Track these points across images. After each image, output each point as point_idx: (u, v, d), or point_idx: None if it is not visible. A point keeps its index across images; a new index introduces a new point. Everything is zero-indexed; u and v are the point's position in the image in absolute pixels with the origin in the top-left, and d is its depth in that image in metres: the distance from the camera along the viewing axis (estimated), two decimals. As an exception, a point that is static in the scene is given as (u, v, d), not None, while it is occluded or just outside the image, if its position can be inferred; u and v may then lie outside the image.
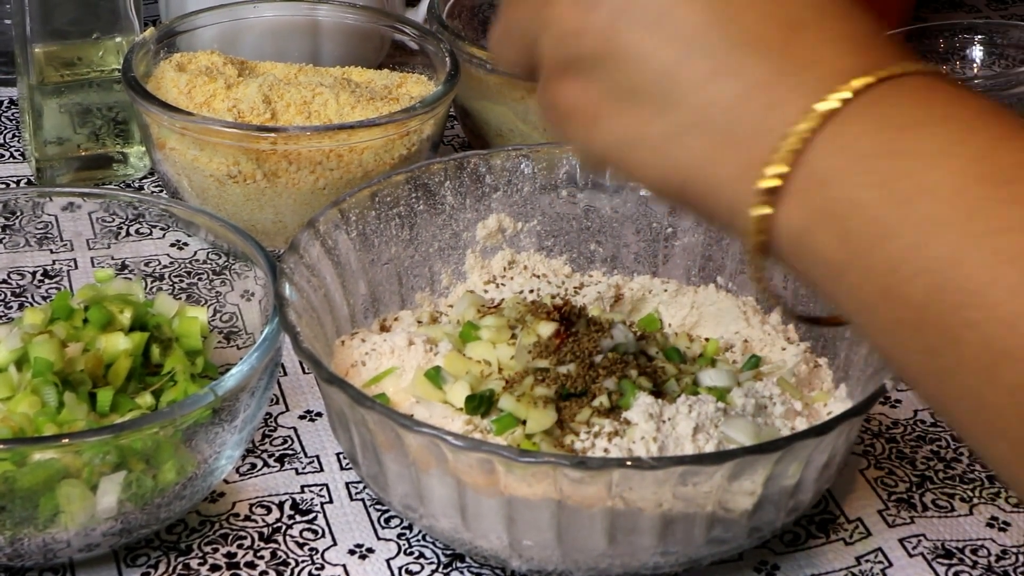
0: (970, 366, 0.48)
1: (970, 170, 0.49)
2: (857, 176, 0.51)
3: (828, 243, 0.52)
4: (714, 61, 0.54)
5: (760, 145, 0.53)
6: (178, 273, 0.89)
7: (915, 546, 0.78)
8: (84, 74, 1.02)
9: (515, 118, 1.03)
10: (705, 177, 0.55)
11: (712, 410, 0.74)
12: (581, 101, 0.57)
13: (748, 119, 0.53)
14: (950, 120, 0.51)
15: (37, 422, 0.75)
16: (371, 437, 0.72)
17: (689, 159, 0.55)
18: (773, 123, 0.52)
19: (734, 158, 0.53)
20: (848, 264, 0.51)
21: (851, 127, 0.51)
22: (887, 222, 0.50)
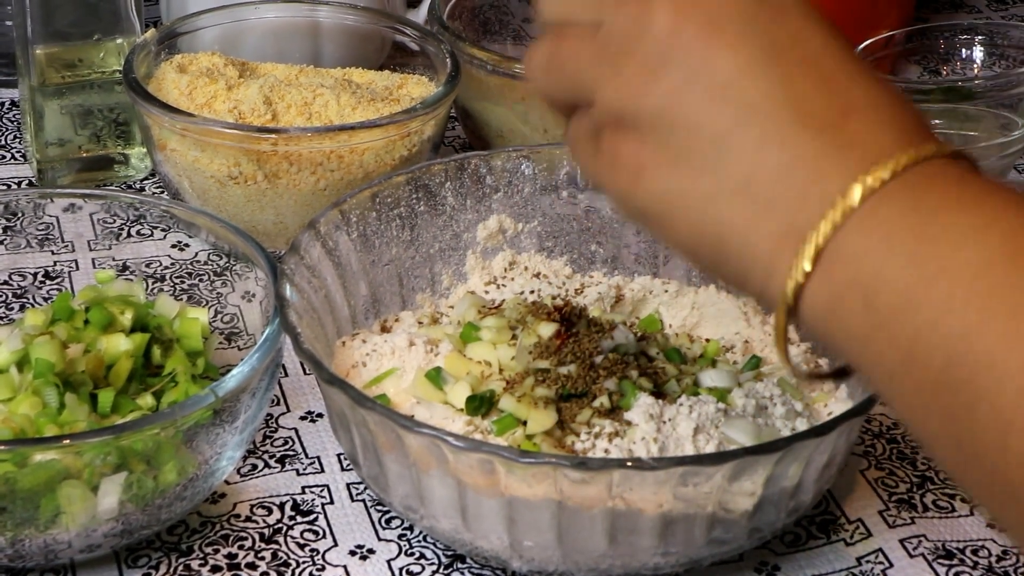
0: (983, 435, 0.51)
1: (995, 253, 0.52)
2: (888, 253, 0.53)
3: (853, 314, 0.54)
4: (766, 130, 0.56)
5: (800, 216, 0.55)
6: (179, 274, 0.89)
7: (916, 547, 0.78)
8: (85, 75, 1.02)
9: (516, 119, 1.03)
10: (741, 240, 0.57)
11: (712, 411, 0.74)
12: (630, 154, 0.59)
13: (791, 189, 0.56)
14: (980, 206, 0.53)
15: (38, 423, 0.75)
16: (372, 438, 0.72)
17: (728, 221, 0.57)
18: (815, 196, 0.55)
19: (773, 225, 0.56)
20: (873, 333, 0.54)
21: (886, 206, 0.54)
22: (912, 297, 0.53)
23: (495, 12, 1.19)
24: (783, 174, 0.56)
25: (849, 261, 0.54)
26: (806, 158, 0.55)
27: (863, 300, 0.54)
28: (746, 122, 0.56)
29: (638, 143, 0.58)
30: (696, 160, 0.57)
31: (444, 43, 1.03)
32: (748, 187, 0.56)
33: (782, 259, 0.56)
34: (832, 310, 0.55)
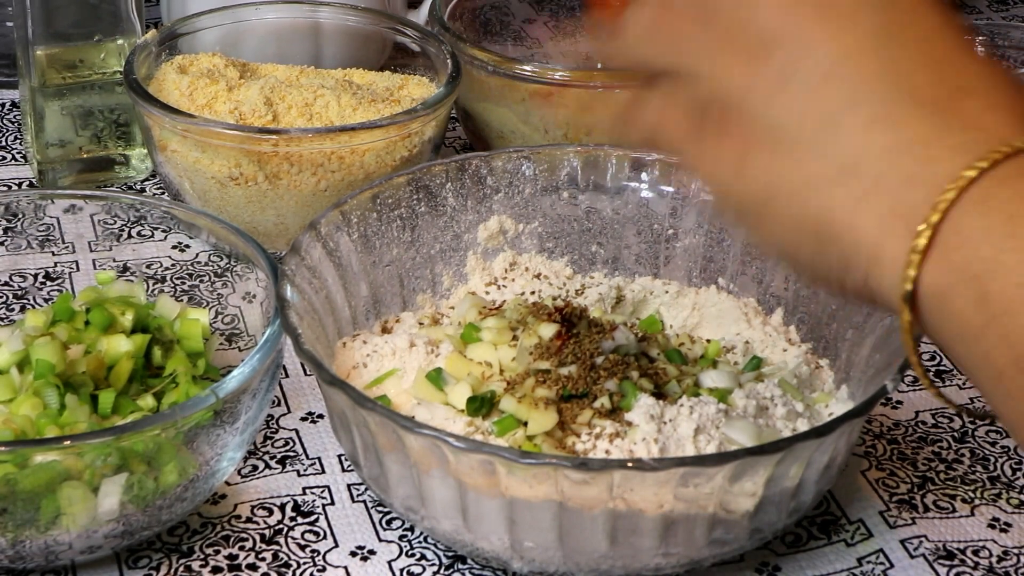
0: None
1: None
2: (1002, 238, 0.51)
3: (966, 305, 0.52)
4: (876, 110, 0.54)
5: (910, 197, 0.53)
6: (180, 275, 0.89)
7: (916, 547, 0.78)
8: (86, 76, 1.02)
9: (516, 120, 1.03)
10: (847, 224, 0.55)
11: (713, 411, 0.74)
12: (735, 137, 0.57)
13: (900, 170, 0.54)
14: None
15: (39, 424, 0.75)
16: (372, 439, 0.72)
17: (834, 205, 0.55)
18: (926, 176, 0.53)
19: (882, 207, 0.54)
20: (985, 327, 0.52)
21: (1004, 189, 0.52)
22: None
23: (496, 13, 1.19)
24: (893, 155, 0.54)
25: (962, 247, 0.52)
26: (918, 139, 0.54)
27: (976, 291, 0.51)
28: (855, 103, 0.55)
29: (744, 125, 0.57)
30: (804, 143, 0.55)
31: (445, 44, 1.03)
32: (856, 169, 0.54)
33: (890, 242, 0.54)
34: (941, 301, 0.53)
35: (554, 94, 1.02)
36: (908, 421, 0.86)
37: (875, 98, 0.55)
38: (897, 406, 0.87)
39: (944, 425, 0.86)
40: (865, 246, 0.54)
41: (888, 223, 0.54)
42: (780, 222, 0.57)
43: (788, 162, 0.56)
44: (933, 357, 0.91)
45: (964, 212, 0.52)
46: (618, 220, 0.89)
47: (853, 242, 0.55)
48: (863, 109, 0.55)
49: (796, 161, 0.56)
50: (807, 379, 0.81)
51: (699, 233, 0.88)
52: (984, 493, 0.81)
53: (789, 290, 0.85)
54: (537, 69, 1.01)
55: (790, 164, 0.56)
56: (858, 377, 0.79)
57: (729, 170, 0.58)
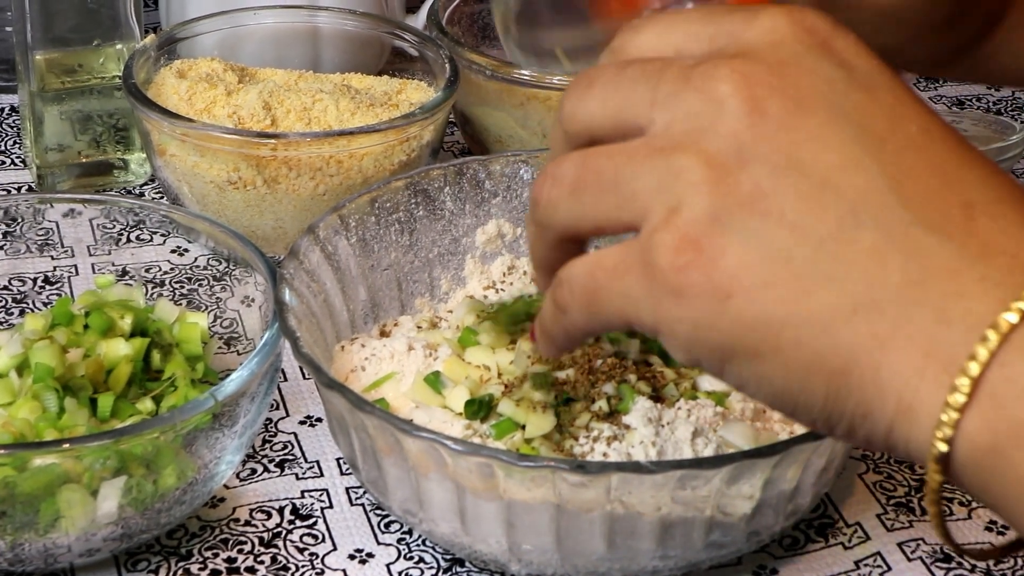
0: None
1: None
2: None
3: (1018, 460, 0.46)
4: (881, 236, 0.48)
5: (944, 338, 0.47)
6: (178, 279, 0.89)
7: (914, 550, 0.78)
8: (85, 81, 1.02)
9: (514, 124, 1.04)
10: (870, 367, 0.48)
11: (711, 414, 0.74)
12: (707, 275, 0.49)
13: (927, 307, 0.47)
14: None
15: (38, 427, 0.75)
16: (371, 442, 0.72)
17: (851, 344, 0.48)
18: (959, 315, 0.47)
19: (912, 350, 0.47)
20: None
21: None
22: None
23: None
24: (915, 289, 0.47)
25: (1012, 395, 0.46)
26: (939, 268, 0.47)
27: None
28: (855, 226, 0.48)
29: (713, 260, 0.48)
30: (806, 270, 0.48)
31: (443, 48, 1.03)
32: (876, 305, 0.47)
33: (926, 393, 0.47)
34: (992, 457, 0.46)
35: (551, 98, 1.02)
36: (905, 424, 0.86)
37: (877, 220, 0.48)
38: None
39: (941, 428, 0.86)
40: (894, 394, 0.48)
41: (923, 369, 0.47)
42: (781, 364, 0.49)
43: (788, 297, 0.48)
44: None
45: (1010, 360, 0.46)
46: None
47: (878, 389, 0.48)
48: (866, 234, 0.48)
49: (798, 295, 0.48)
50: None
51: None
52: (981, 496, 0.81)
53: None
54: (535, 73, 1.01)
55: (791, 299, 0.48)
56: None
57: (706, 311, 0.49)
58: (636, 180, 0.50)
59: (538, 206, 0.53)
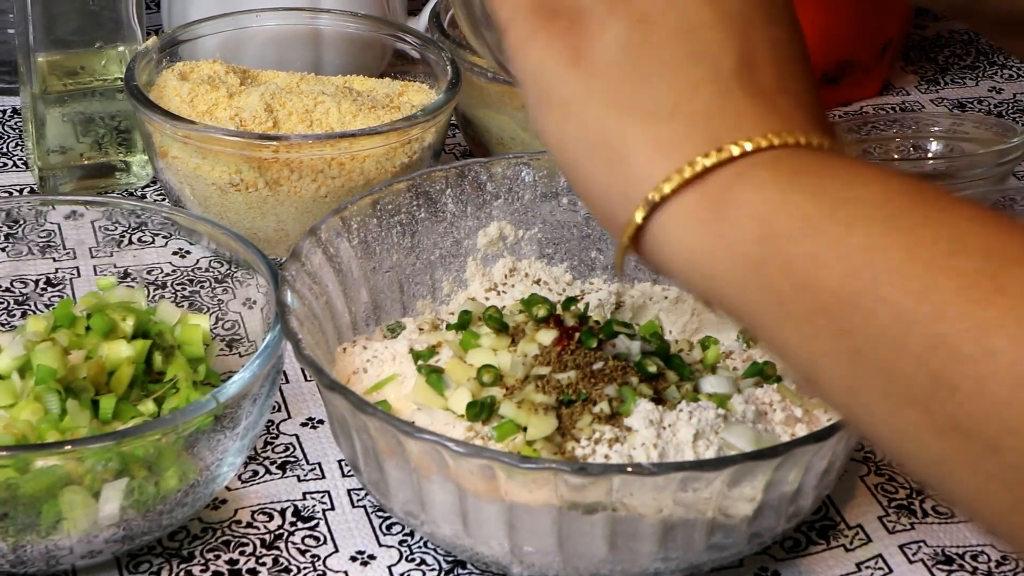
0: (880, 338, 0.51)
1: (896, 190, 0.54)
2: (791, 184, 0.55)
3: (744, 239, 0.55)
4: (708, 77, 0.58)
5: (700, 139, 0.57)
6: (180, 281, 0.89)
7: (915, 552, 0.78)
8: (87, 83, 1.02)
9: (516, 126, 1.04)
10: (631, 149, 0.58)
11: (712, 416, 0.74)
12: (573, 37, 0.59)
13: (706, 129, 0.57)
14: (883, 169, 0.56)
15: (40, 429, 0.75)
16: (373, 444, 0.73)
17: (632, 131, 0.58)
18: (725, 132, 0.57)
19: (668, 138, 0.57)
20: (765, 260, 0.54)
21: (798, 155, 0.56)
22: (812, 220, 0.54)
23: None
24: (704, 114, 0.57)
25: (752, 188, 0.55)
26: (732, 108, 0.57)
27: (758, 226, 0.54)
28: (695, 61, 0.58)
29: (581, 34, 0.59)
30: (630, 73, 0.58)
31: (445, 51, 1.03)
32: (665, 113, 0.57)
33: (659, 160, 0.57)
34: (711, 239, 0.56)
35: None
36: (907, 427, 0.86)
37: (714, 63, 0.58)
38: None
39: (943, 431, 0.86)
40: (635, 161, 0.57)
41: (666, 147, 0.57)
42: (574, 127, 0.59)
43: (608, 77, 0.59)
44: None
45: (752, 167, 0.56)
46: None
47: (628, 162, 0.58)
48: (700, 68, 0.58)
49: (618, 82, 0.58)
50: (806, 384, 0.81)
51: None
52: (982, 498, 0.81)
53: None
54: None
55: (609, 80, 0.59)
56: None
57: (548, 57, 0.60)
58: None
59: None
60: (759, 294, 0.55)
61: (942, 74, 1.24)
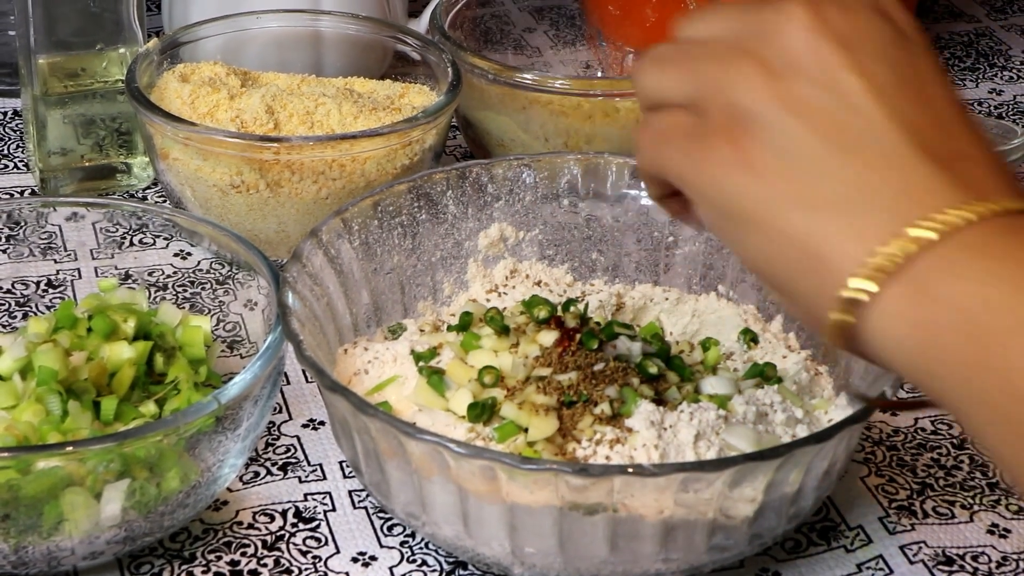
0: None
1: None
2: (996, 278, 0.53)
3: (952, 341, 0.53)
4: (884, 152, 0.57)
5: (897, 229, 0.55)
6: (181, 283, 0.89)
7: (916, 553, 0.78)
8: (88, 85, 1.02)
9: (517, 128, 1.04)
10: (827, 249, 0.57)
11: (713, 417, 0.74)
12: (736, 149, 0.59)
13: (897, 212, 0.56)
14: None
15: (41, 430, 0.75)
16: (374, 445, 0.73)
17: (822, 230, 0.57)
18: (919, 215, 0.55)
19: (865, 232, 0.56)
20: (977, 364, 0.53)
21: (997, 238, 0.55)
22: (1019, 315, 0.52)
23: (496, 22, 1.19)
24: (892, 196, 0.56)
25: (955, 279, 0.54)
26: (918, 184, 0.56)
27: (965, 322, 0.53)
28: (866, 141, 0.57)
29: (748, 140, 0.59)
30: (808, 164, 0.58)
31: (445, 52, 1.03)
32: (855, 202, 0.56)
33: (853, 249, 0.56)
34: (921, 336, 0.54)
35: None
36: (907, 427, 0.86)
37: (884, 141, 0.57)
38: (896, 413, 0.87)
39: (943, 431, 0.86)
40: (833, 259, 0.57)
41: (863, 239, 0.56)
42: (763, 236, 0.59)
43: (787, 177, 0.58)
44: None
45: (953, 251, 0.54)
46: (618, 227, 0.89)
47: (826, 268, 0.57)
48: (873, 147, 0.57)
49: (797, 179, 0.58)
50: (807, 385, 0.81)
51: (699, 240, 0.88)
52: (983, 499, 0.81)
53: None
54: (537, 77, 1.02)
55: (789, 180, 0.58)
56: (857, 384, 0.79)
57: (720, 176, 0.59)
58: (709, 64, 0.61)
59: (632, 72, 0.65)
60: (973, 396, 0.53)
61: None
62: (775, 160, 0.58)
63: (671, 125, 0.62)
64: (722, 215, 0.60)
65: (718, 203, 0.60)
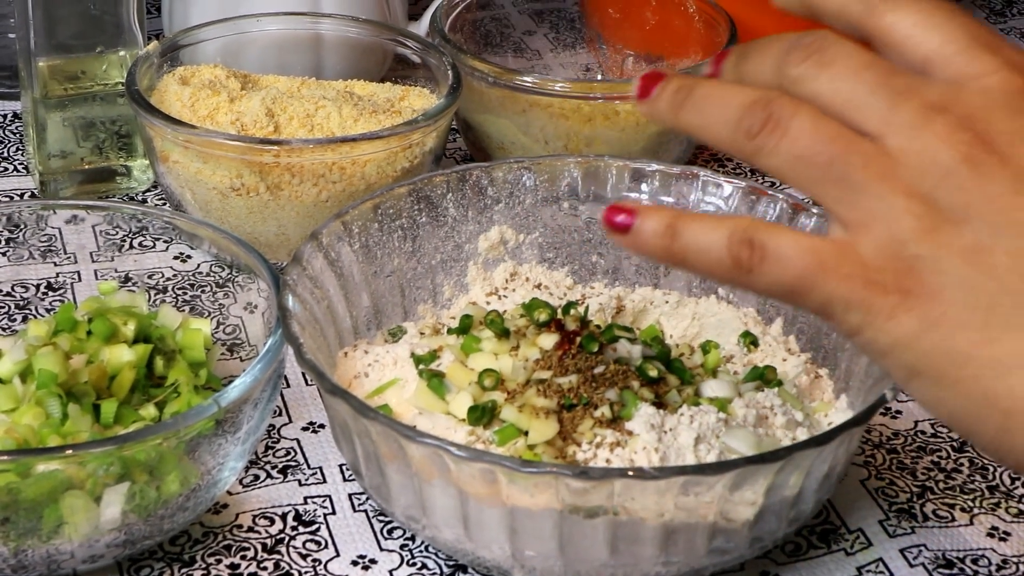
0: None
1: None
2: None
3: None
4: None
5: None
6: (181, 285, 0.89)
7: (916, 556, 0.78)
8: (88, 87, 1.02)
9: (516, 131, 1.04)
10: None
11: (713, 421, 0.74)
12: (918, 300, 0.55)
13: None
14: None
15: (41, 433, 0.75)
16: (374, 448, 0.73)
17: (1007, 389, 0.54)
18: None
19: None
20: None
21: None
22: None
23: (496, 24, 1.19)
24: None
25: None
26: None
27: None
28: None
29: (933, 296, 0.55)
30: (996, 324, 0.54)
31: (445, 55, 1.03)
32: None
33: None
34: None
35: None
36: (907, 431, 0.86)
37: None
38: (896, 416, 0.87)
39: (943, 435, 0.86)
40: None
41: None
42: (961, 393, 0.56)
43: (982, 336, 0.55)
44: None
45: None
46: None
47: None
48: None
49: (992, 337, 0.55)
50: (806, 389, 0.81)
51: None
52: (983, 502, 0.81)
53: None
54: (537, 80, 1.02)
55: (984, 338, 0.55)
56: (857, 387, 0.80)
57: (910, 330, 0.56)
58: (863, 194, 0.56)
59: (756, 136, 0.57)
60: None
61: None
62: (955, 317, 0.55)
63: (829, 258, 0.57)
64: (908, 373, 0.57)
65: (901, 360, 0.57)
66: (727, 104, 0.58)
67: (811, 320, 0.84)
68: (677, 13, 1.12)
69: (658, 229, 0.60)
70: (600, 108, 1.02)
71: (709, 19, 1.10)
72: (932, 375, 0.56)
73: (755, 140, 0.57)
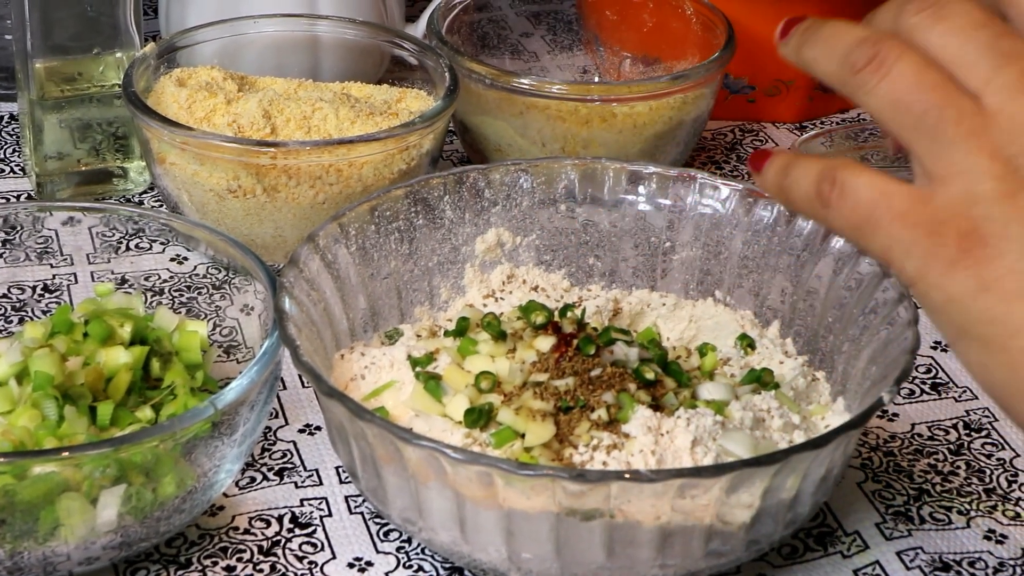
0: None
1: None
2: None
3: None
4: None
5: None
6: (178, 287, 0.89)
7: (912, 559, 0.78)
8: (84, 89, 1.02)
9: (514, 133, 1.04)
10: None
11: (710, 423, 0.74)
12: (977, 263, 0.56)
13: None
14: None
15: (37, 435, 0.75)
16: (370, 450, 0.73)
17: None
18: None
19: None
20: None
21: None
22: None
23: (493, 26, 1.19)
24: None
25: None
26: None
27: None
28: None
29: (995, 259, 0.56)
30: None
31: (442, 57, 1.03)
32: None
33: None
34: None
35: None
36: (904, 433, 0.86)
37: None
38: (893, 419, 0.87)
39: (940, 437, 0.86)
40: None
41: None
42: (1007, 362, 0.56)
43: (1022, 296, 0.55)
44: (929, 370, 0.91)
45: None
46: (615, 233, 0.89)
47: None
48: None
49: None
50: (804, 391, 0.81)
51: (696, 246, 0.88)
52: (980, 505, 0.81)
53: (786, 303, 0.85)
54: (534, 82, 1.02)
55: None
56: (854, 389, 0.80)
57: (965, 288, 0.56)
58: (950, 148, 0.57)
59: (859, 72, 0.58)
60: None
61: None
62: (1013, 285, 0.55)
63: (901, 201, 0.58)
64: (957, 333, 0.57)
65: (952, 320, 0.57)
66: (841, 38, 0.59)
67: (808, 323, 0.84)
68: (674, 15, 1.12)
69: (778, 168, 0.62)
70: (597, 110, 1.02)
71: (706, 21, 1.10)
72: (981, 339, 0.56)
73: (857, 76, 0.58)
